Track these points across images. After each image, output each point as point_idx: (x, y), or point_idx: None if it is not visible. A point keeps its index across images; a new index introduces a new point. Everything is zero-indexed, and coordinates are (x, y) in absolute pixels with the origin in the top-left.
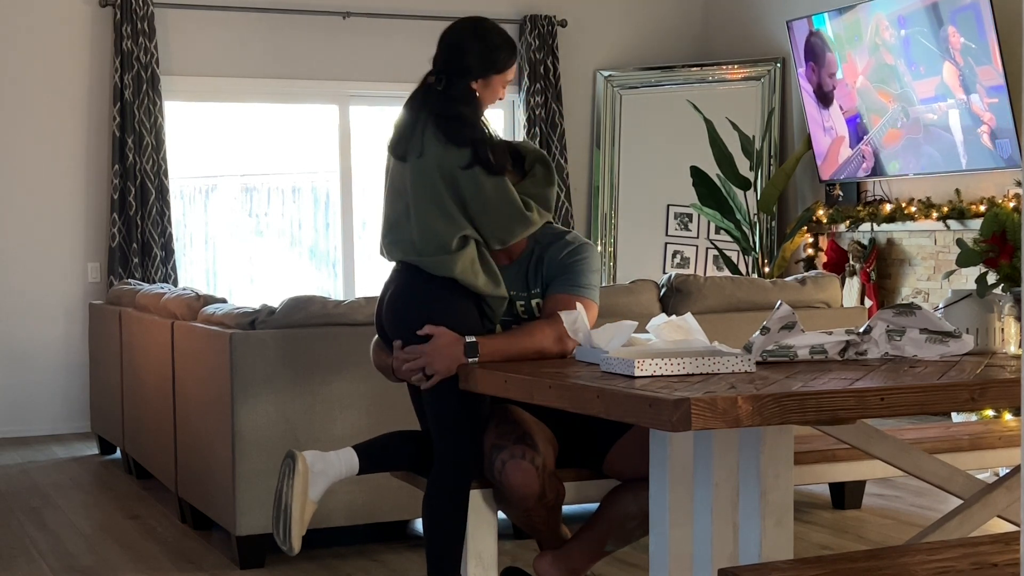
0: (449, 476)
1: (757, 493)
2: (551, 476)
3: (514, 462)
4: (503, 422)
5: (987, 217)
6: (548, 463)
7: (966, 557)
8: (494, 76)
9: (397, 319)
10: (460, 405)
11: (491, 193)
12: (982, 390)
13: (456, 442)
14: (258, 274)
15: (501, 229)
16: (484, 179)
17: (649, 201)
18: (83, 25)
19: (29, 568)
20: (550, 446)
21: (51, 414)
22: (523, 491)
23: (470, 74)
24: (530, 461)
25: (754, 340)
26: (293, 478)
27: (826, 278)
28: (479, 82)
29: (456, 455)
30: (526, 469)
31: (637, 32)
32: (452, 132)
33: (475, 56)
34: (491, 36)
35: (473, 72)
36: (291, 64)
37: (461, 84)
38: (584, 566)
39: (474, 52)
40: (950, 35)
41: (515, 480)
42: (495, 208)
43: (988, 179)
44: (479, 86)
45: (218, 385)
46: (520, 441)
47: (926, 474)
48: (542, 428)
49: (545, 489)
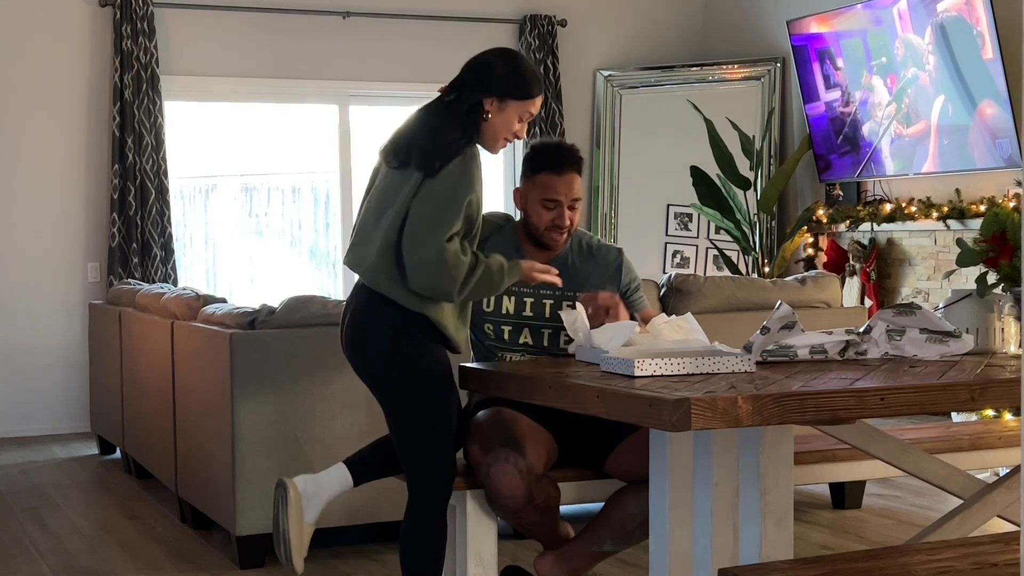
0: (424, 515)
1: (757, 493)
2: (539, 479)
3: (498, 466)
4: (493, 425)
5: (987, 217)
6: (536, 466)
7: (966, 557)
8: (511, 101)
9: (357, 352)
10: (425, 442)
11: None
12: (982, 390)
13: (429, 484)
14: (258, 274)
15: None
16: (429, 184)
17: (649, 201)
18: (83, 25)
19: (29, 568)
20: (542, 449)
21: (51, 414)
22: (508, 494)
23: (487, 90)
24: (514, 465)
25: (754, 340)
26: (287, 507)
27: (826, 278)
28: (494, 103)
29: (429, 497)
30: (509, 473)
31: (637, 32)
32: (427, 147)
33: (499, 73)
34: (522, 62)
35: (491, 89)
36: (291, 64)
37: (472, 99)
38: (585, 567)
39: (499, 69)
40: (950, 35)
41: (499, 483)
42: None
43: (988, 179)
44: (493, 107)
45: (218, 385)
46: (506, 445)
47: (926, 474)
48: (536, 431)
49: (532, 492)
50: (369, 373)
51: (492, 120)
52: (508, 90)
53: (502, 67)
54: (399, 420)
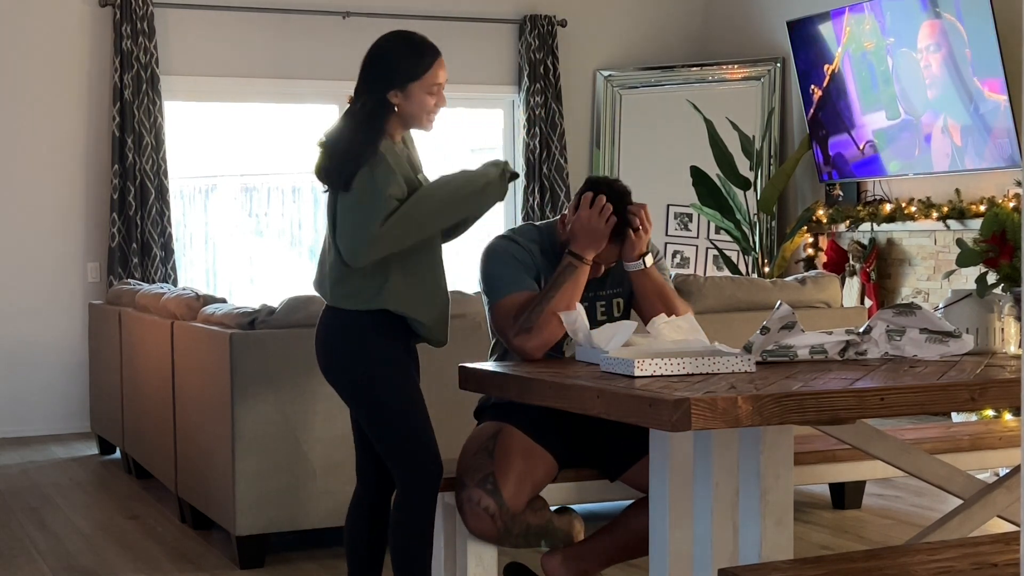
0: (416, 496)
1: (757, 493)
2: (515, 516)
3: (470, 506)
4: (477, 454)
5: (987, 217)
6: (515, 505)
7: (966, 557)
8: (412, 84)
9: (327, 368)
10: (400, 422)
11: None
12: (982, 390)
13: (404, 465)
14: (258, 274)
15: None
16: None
17: (649, 201)
18: (83, 25)
19: (29, 568)
20: (528, 483)
21: (51, 414)
22: (478, 533)
23: (386, 84)
24: (485, 509)
25: (754, 340)
26: None
27: (826, 278)
28: (397, 94)
29: (410, 479)
30: (480, 516)
31: (637, 32)
32: (336, 162)
33: (389, 62)
34: (407, 40)
35: (389, 81)
36: (291, 64)
37: (374, 99)
38: (595, 569)
39: (388, 57)
40: (950, 35)
41: (471, 524)
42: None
43: (988, 179)
44: (398, 99)
45: (218, 385)
46: (481, 484)
47: (926, 474)
48: (530, 458)
49: (508, 528)
50: (340, 382)
51: (402, 110)
52: (404, 75)
53: (390, 54)
54: (377, 420)
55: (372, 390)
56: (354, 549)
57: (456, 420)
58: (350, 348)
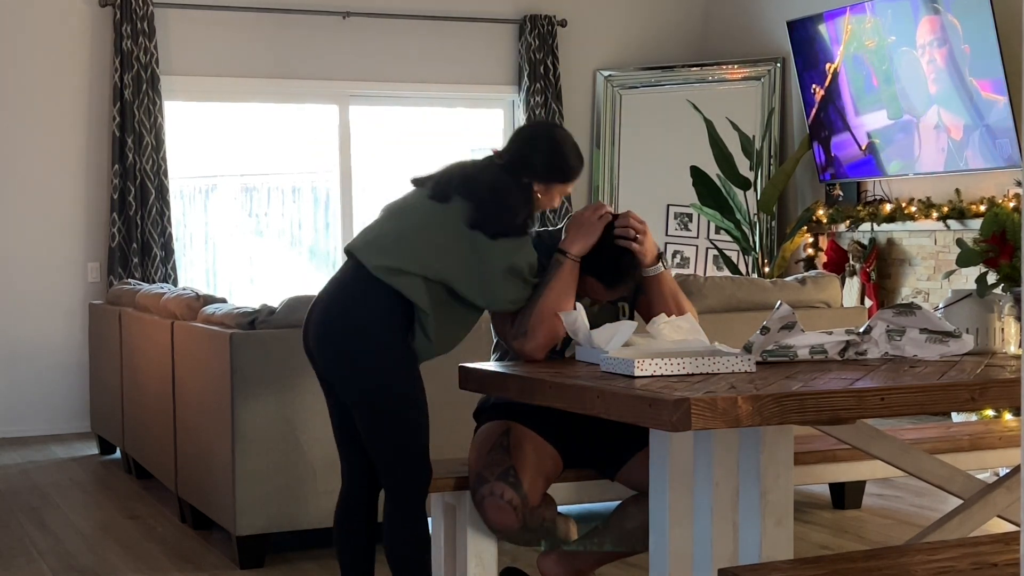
0: (406, 507)
1: (757, 493)
2: (534, 509)
3: (493, 499)
4: (494, 450)
5: (987, 217)
6: (533, 498)
7: (966, 557)
8: (556, 184)
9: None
10: (400, 432)
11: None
12: (982, 390)
13: (404, 473)
14: (258, 274)
15: (487, 293)
16: (494, 244)
17: (649, 201)
18: (83, 25)
19: (29, 568)
20: (542, 477)
21: (51, 414)
22: (500, 527)
23: (534, 175)
24: (508, 501)
25: (754, 340)
26: None
27: (826, 278)
28: (541, 187)
29: (408, 487)
30: (504, 509)
31: (637, 32)
32: (492, 211)
33: (544, 159)
34: (565, 145)
35: (538, 175)
36: (291, 64)
37: (521, 179)
38: (589, 568)
39: (543, 155)
40: (950, 35)
41: (492, 517)
42: (490, 273)
43: (988, 179)
44: (540, 189)
45: (218, 385)
46: (503, 477)
47: (926, 474)
48: (540, 454)
49: (526, 521)
50: (362, 381)
51: (539, 201)
52: (554, 175)
53: (545, 151)
54: (382, 427)
55: (390, 399)
56: (346, 550)
57: (456, 420)
58: (388, 338)
